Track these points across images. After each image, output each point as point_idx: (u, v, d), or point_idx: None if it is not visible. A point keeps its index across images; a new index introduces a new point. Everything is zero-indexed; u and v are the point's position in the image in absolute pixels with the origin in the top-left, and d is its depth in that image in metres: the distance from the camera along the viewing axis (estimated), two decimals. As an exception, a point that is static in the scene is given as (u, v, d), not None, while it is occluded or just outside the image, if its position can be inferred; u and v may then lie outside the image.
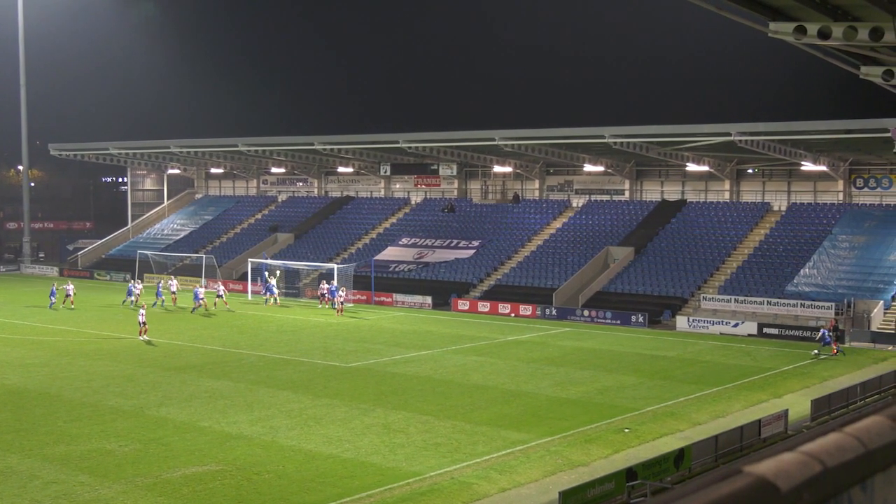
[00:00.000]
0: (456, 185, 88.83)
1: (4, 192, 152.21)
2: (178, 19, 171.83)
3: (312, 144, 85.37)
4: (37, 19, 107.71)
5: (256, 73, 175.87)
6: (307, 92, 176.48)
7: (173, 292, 68.09)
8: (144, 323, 52.87)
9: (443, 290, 70.66)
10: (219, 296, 67.40)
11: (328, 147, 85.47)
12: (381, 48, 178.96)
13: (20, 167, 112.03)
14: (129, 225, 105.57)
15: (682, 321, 59.15)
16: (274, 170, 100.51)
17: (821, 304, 57.73)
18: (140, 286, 70.32)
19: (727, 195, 75.46)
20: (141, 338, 52.24)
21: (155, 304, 66.16)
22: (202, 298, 65.14)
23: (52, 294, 68.10)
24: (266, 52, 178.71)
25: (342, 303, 64.33)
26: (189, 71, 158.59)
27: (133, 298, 67.03)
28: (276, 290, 69.20)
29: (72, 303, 66.61)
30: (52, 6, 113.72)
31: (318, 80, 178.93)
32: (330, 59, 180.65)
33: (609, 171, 79.50)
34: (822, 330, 50.86)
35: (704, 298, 61.58)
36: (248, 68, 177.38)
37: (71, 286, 67.89)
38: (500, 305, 65.58)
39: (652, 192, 79.46)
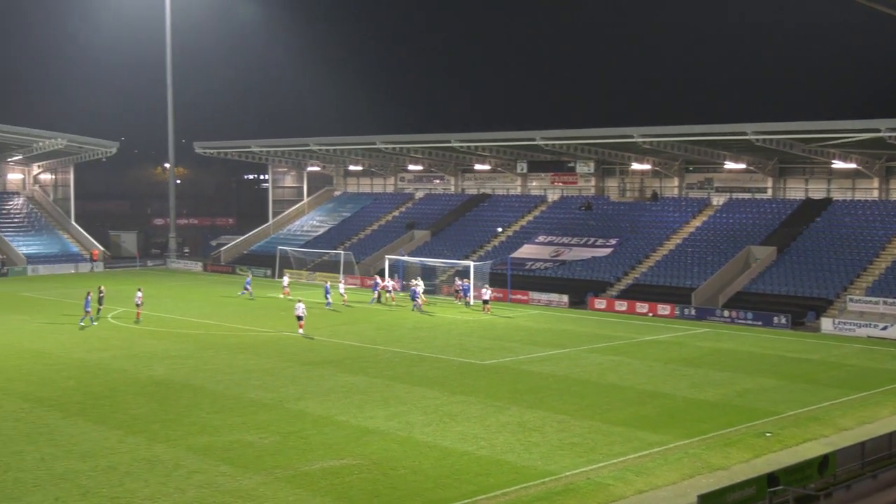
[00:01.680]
0: (593, 183, 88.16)
1: (152, 189, 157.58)
2: (317, 19, 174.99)
3: (449, 142, 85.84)
4: (182, 22, 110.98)
5: (395, 71, 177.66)
6: (445, 89, 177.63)
7: (342, 293, 69.16)
8: (301, 318, 53.74)
9: (579, 288, 70.22)
10: (388, 291, 68.70)
11: (465, 144, 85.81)
12: (519, 45, 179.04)
13: (167, 165, 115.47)
14: (270, 221, 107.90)
15: (826, 323, 57.49)
16: (411, 167, 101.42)
17: (976, 307, 55.39)
18: (286, 279, 73.13)
19: (876, 193, 73.02)
20: (300, 332, 53.31)
21: (329, 304, 65.64)
22: (419, 297, 65.32)
23: (247, 285, 72.22)
24: (404, 50, 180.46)
25: (486, 301, 64.26)
26: (329, 70, 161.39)
27: (248, 292, 70.99)
28: (419, 297, 66.28)
29: (137, 315, 58.84)
30: (197, 9, 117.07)
31: (455, 78, 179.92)
32: (468, 55, 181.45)
33: (751, 168, 77.79)
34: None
35: (851, 300, 59.71)
36: (386, 66, 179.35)
37: (139, 294, 60.44)
38: (638, 305, 64.85)
39: (796, 191, 77.44)
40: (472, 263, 71.25)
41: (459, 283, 69.25)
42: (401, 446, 30.20)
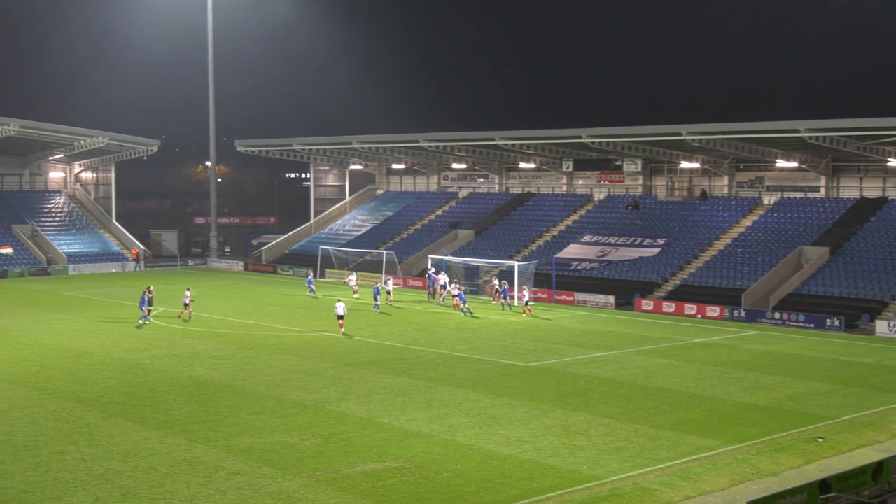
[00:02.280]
0: (640, 182, 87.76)
1: (193, 187, 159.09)
2: (360, 15, 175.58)
3: (493, 140, 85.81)
4: (224, 18, 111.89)
5: (438, 67, 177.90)
6: (489, 86, 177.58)
7: (388, 291, 69.35)
8: (342, 317, 54.28)
9: (626, 289, 69.93)
10: (443, 286, 69.20)
11: (509, 142, 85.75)
12: (564, 42, 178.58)
13: (208, 163, 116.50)
14: (312, 220, 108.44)
15: (881, 326, 56.82)
16: (455, 165, 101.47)
17: None
18: (353, 278, 73.70)
19: (933, 192, 72.16)
20: (342, 332, 53.85)
21: (377, 306, 65.03)
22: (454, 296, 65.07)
23: (310, 283, 72.94)
24: (447, 45, 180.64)
25: (527, 302, 64.06)
26: (371, 67, 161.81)
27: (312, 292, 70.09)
28: (449, 291, 67.46)
29: (189, 314, 60.18)
30: (239, 5, 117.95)
31: (500, 74, 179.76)
32: (513, 52, 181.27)
33: (803, 166, 77.06)
34: None
35: (907, 302, 59.00)
36: (429, 63, 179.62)
37: (188, 292, 61.71)
38: (686, 306, 64.45)
39: (850, 189, 76.61)
40: (516, 263, 71.18)
41: (497, 284, 69.24)
42: (443, 449, 30.23)
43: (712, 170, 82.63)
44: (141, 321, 57.80)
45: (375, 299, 65.60)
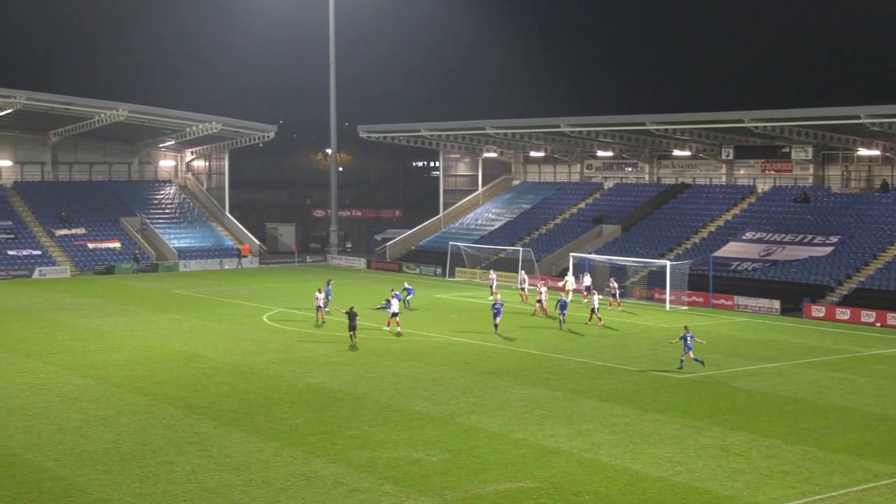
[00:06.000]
0: (811, 171, 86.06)
1: (312, 177, 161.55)
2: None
3: (644, 124, 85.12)
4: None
5: (581, 45, 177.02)
6: (638, 65, 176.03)
7: (522, 289, 69.40)
8: (395, 314, 56.27)
9: (793, 292, 68.72)
10: (613, 294, 68.57)
11: (662, 127, 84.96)
12: (723, 14, 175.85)
13: (328, 151, 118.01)
14: (441, 214, 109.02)
15: None
16: (600, 153, 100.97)
17: None
18: (525, 276, 73.79)
19: None
20: (386, 328, 55.83)
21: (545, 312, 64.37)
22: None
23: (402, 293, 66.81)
24: (591, 20, 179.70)
25: (616, 295, 64.13)
26: (505, 45, 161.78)
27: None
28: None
29: (322, 318, 60.44)
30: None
31: (650, 52, 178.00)
32: (663, 26, 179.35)
33: None
34: None
35: None
36: (571, 40, 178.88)
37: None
38: (864, 313, 63.03)
39: None
40: (668, 263, 70.53)
41: (615, 285, 68.69)
42: (585, 469, 30.16)
43: (895, 158, 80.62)
44: (328, 310, 60.09)
45: (560, 314, 60.69)
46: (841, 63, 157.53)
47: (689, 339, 45.08)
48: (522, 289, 70.29)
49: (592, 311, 60.38)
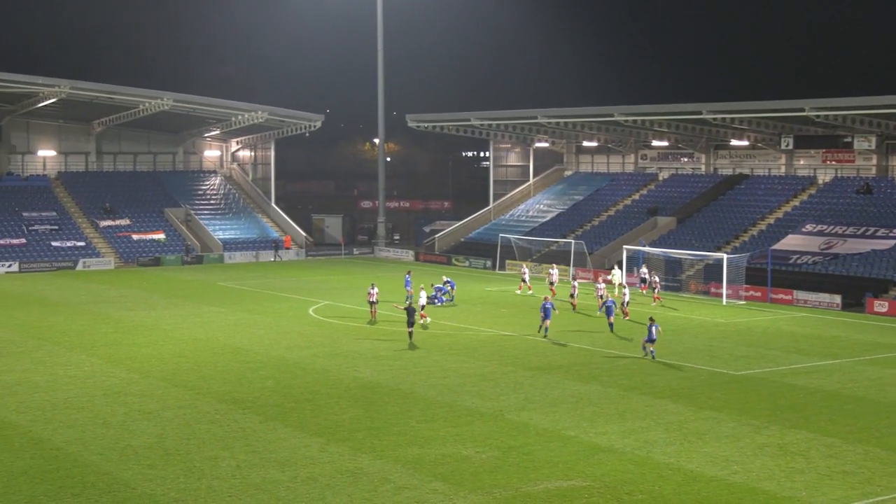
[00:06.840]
0: (874, 162, 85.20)
1: (359, 167, 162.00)
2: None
3: (700, 113, 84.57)
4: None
5: (635, 32, 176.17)
6: (694, 52, 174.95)
7: (551, 283, 69.29)
8: (423, 307, 57.27)
9: (855, 287, 68.11)
10: (654, 288, 68.48)
11: (719, 116, 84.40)
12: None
13: (376, 140, 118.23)
14: (491, 205, 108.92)
15: None
16: (655, 143, 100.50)
17: None
18: (526, 272, 73.93)
19: None
20: (422, 321, 56.19)
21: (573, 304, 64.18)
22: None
23: (440, 289, 67.02)
24: (646, 6, 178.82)
25: (655, 287, 65.22)
26: (558, 33, 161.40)
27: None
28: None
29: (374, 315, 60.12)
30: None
31: (707, 39, 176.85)
32: (721, 12, 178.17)
33: None
34: None
35: None
36: (624, 26, 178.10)
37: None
38: (928, 308, 62.47)
39: None
40: (724, 256, 70.12)
41: (656, 279, 68.31)
42: (638, 468, 30.08)
43: (962, 148, 79.77)
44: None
45: (600, 300, 62.53)
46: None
47: (654, 329, 46.91)
48: (552, 283, 69.71)
49: (622, 304, 60.73)
